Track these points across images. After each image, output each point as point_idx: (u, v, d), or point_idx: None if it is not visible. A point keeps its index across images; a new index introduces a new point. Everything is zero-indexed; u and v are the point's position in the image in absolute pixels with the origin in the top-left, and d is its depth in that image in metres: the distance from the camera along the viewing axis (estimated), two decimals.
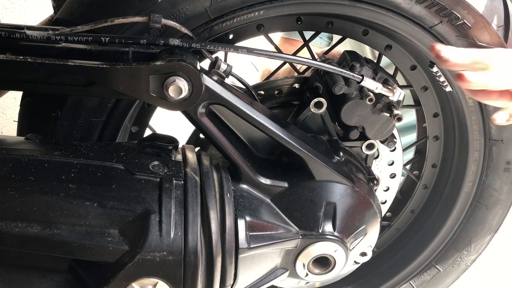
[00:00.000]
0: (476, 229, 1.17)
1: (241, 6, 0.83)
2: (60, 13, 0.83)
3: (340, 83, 0.89)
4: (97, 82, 0.75)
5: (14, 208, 0.68)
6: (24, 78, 0.76)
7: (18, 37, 0.72)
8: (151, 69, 0.73)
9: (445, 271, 1.23)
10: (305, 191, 0.86)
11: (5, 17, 2.06)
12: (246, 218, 0.80)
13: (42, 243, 0.68)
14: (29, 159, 0.73)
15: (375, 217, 0.92)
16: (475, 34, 0.88)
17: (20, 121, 0.91)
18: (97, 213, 0.70)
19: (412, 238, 1.25)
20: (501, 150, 1.06)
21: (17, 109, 0.90)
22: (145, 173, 0.76)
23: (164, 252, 0.70)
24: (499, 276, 2.00)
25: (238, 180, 0.84)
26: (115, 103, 0.88)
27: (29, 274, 0.72)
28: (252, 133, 0.85)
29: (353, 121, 0.93)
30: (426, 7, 0.85)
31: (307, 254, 0.86)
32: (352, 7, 0.86)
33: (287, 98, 1.01)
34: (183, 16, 0.81)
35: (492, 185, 1.11)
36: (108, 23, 0.73)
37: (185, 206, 0.74)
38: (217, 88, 0.79)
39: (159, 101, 0.77)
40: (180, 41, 0.75)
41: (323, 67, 0.85)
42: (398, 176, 1.11)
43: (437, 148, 1.16)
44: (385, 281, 1.25)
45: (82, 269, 0.72)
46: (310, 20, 0.93)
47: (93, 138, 0.90)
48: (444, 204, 1.19)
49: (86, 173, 0.74)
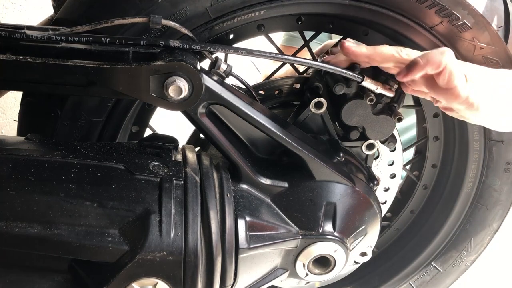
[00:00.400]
0: (476, 230, 1.17)
1: (241, 6, 0.83)
2: (60, 12, 0.83)
3: (341, 83, 0.89)
4: (97, 82, 0.75)
5: (14, 208, 0.68)
6: (24, 78, 0.75)
7: (18, 37, 0.72)
8: (151, 69, 0.73)
9: (445, 271, 1.23)
10: (305, 191, 0.86)
11: (5, 17, 2.06)
12: (246, 218, 0.80)
13: (42, 243, 0.68)
14: (29, 159, 0.73)
15: (375, 217, 0.92)
16: (475, 34, 0.88)
17: (20, 120, 0.91)
18: (97, 213, 0.70)
19: (412, 238, 1.25)
20: (501, 151, 1.06)
21: (17, 109, 0.90)
22: (145, 173, 0.76)
23: (164, 252, 0.70)
24: (499, 276, 2.00)
25: (238, 180, 0.84)
26: (115, 103, 0.88)
27: (29, 274, 0.72)
28: (252, 133, 0.85)
29: (353, 121, 0.93)
30: (427, 7, 0.85)
31: (307, 254, 0.86)
32: (352, 7, 0.86)
33: (287, 98, 1.01)
34: (183, 16, 0.81)
35: (492, 185, 1.11)
36: (108, 24, 0.73)
37: (185, 206, 0.74)
38: (217, 88, 0.79)
39: (159, 101, 0.77)
40: (180, 42, 0.75)
41: (323, 68, 0.85)
42: (398, 176, 1.11)
43: (437, 148, 1.16)
44: (385, 281, 1.25)
45: (82, 269, 0.72)
46: (311, 20, 0.93)
47: (93, 137, 0.90)
48: (444, 205, 1.19)
49: (86, 173, 0.74)
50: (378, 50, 0.83)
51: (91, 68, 0.73)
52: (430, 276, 1.24)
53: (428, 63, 0.77)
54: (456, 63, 0.79)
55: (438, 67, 0.77)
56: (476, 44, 0.89)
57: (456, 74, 0.77)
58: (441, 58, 0.77)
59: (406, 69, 0.80)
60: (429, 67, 0.78)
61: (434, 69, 0.78)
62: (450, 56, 0.78)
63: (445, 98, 0.82)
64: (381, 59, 0.83)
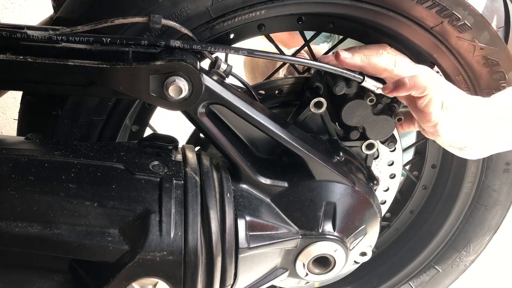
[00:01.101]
0: (475, 230, 1.17)
1: (242, 6, 0.83)
2: (61, 11, 0.83)
3: (341, 83, 0.89)
4: (97, 82, 0.75)
5: (14, 208, 0.68)
6: (24, 78, 0.75)
7: (19, 37, 0.72)
8: (151, 69, 0.73)
9: (444, 271, 1.23)
10: (305, 191, 0.86)
11: (5, 17, 2.06)
12: (246, 218, 0.80)
13: (42, 243, 0.68)
14: (29, 159, 0.73)
15: (375, 217, 0.92)
16: (476, 35, 0.88)
17: (20, 119, 0.90)
18: (97, 213, 0.70)
19: (412, 238, 1.25)
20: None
21: (17, 109, 0.90)
22: (145, 173, 0.76)
23: (164, 252, 0.70)
24: (498, 276, 2.00)
25: (238, 180, 0.84)
26: (115, 102, 0.88)
27: (29, 274, 0.72)
28: (252, 133, 0.85)
29: (354, 122, 0.93)
30: (427, 7, 0.85)
31: (307, 254, 0.86)
32: (353, 7, 0.86)
33: (287, 98, 1.01)
34: (184, 15, 0.81)
35: (491, 185, 1.11)
36: (108, 23, 0.73)
37: (185, 206, 0.74)
38: (217, 88, 0.79)
39: (159, 101, 0.77)
40: (180, 42, 0.75)
41: (324, 68, 0.85)
42: (398, 176, 1.11)
43: (436, 148, 1.16)
44: (385, 281, 1.25)
45: (82, 269, 0.72)
46: (311, 20, 0.93)
47: (93, 136, 0.90)
48: (443, 205, 1.19)
49: (86, 173, 0.74)
50: (372, 63, 0.87)
51: (91, 68, 0.73)
52: (430, 276, 1.24)
53: (414, 87, 0.82)
54: (438, 90, 0.83)
55: (422, 93, 0.82)
56: (476, 44, 0.89)
57: (434, 102, 0.82)
58: (427, 84, 0.82)
59: (393, 86, 0.84)
60: (414, 90, 0.82)
61: (418, 94, 0.83)
62: (436, 83, 0.83)
63: (418, 118, 0.87)
64: (374, 71, 0.88)
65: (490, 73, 0.92)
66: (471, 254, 1.20)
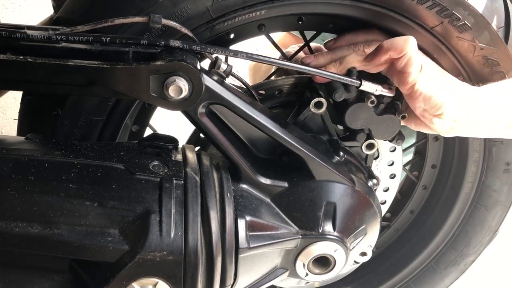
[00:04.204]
0: (475, 230, 1.18)
1: (242, 6, 0.83)
2: (61, 11, 0.83)
3: (340, 89, 0.89)
4: (97, 82, 0.75)
5: (15, 208, 0.68)
6: (24, 78, 0.75)
7: (19, 37, 0.72)
8: (151, 69, 0.73)
9: (444, 271, 1.23)
10: (305, 191, 0.86)
11: (5, 17, 2.06)
12: (246, 218, 0.80)
13: (42, 243, 0.68)
14: (29, 159, 0.73)
15: (375, 217, 0.92)
16: (476, 35, 0.88)
17: (20, 119, 0.90)
18: (97, 213, 0.70)
19: (412, 238, 1.25)
20: (500, 151, 1.06)
21: (17, 109, 0.90)
22: (145, 173, 0.76)
23: (164, 252, 0.70)
24: (498, 276, 2.00)
25: (238, 180, 0.84)
26: (115, 102, 0.88)
27: (29, 274, 0.72)
28: (252, 133, 0.85)
29: (358, 125, 0.93)
30: (428, 7, 0.85)
31: (307, 253, 0.86)
32: (353, 7, 0.86)
33: (287, 98, 1.01)
34: (184, 15, 0.81)
35: (491, 186, 1.11)
36: (108, 23, 0.73)
37: (185, 206, 0.74)
38: (217, 88, 0.79)
39: (159, 101, 0.77)
40: (180, 43, 0.75)
41: (322, 75, 0.85)
42: (398, 176, 1.11)
43: (436, 148, 1.16)
44: (385, 281, 1.26)
45: (82, 269, 0.72)
46: (311, 20, 0.93)
47: (93, 136, 0.90)
48: (443, 205, 1.19)
49: (86, 173, 0.74)
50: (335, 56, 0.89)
51: (91, 68, 0.73)
52: (430, 277, 1.24)
53: (391, 47, 0.82)
54: (417, 52, 0.83)
55: (400, 53, 0.82)
56: (476, 44, 0.89)
57: (414, 62, 0.82)
58: (404, 44, 0.82)
59: (371, 54, 0.85)
60: (392, 51, 0.82)
61: (397, 54, 0.82)
62: (413, 45, 0.83)
63: (397, 80, 0.87)
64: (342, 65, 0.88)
65: (491, 73, 0.92)
66: (471, 254, 1.20)
